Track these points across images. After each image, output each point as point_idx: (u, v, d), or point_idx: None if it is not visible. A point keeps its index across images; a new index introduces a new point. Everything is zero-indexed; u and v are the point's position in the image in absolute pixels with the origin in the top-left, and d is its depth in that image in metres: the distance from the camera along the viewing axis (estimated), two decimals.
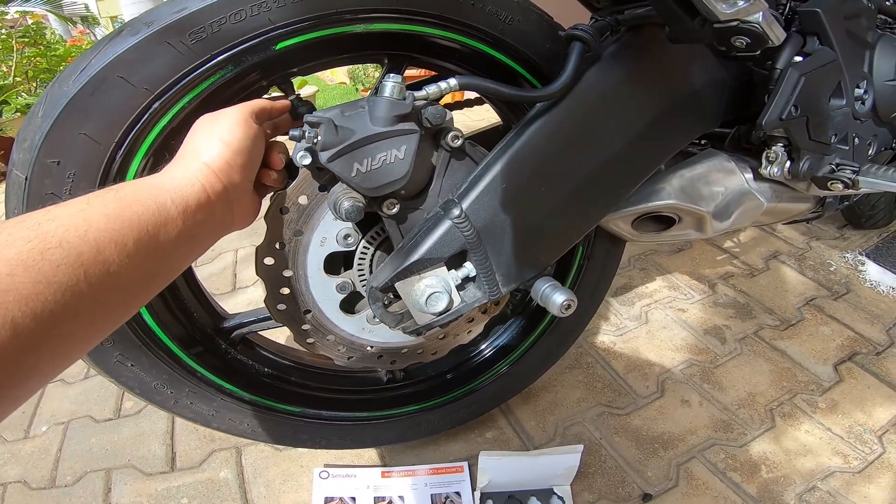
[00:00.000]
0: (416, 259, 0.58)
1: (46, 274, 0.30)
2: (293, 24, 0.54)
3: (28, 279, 0.30)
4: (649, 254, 1.39)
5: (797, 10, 0.66)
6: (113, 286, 0.34)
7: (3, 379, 0.29)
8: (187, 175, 0.43)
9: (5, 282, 0.29)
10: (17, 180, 0.48)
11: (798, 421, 0.91)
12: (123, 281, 0.35)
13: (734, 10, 0.47)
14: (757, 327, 1.12)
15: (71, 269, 0.32)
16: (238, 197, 0.47)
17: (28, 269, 0.30)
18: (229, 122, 0.47)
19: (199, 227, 0.42)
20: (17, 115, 2.85)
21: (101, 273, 0.33)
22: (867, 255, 1.28)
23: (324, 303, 0.66)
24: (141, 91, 0.49)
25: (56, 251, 0.31)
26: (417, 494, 0.90)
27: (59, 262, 0.31)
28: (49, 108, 0.47)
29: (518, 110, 0.72)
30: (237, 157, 0.46)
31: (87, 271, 0.32)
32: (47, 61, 3.23)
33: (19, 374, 0.30)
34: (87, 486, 0.96)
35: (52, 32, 3.46)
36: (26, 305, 0.29)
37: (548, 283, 0.65)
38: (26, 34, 3.15)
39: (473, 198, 0.58)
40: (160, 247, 0.38)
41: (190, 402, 0.70)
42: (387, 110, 0.52)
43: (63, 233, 0.32)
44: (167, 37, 0.48)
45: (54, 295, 0.31)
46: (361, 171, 0.53)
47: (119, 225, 0.35)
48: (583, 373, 1.05)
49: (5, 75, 3.04)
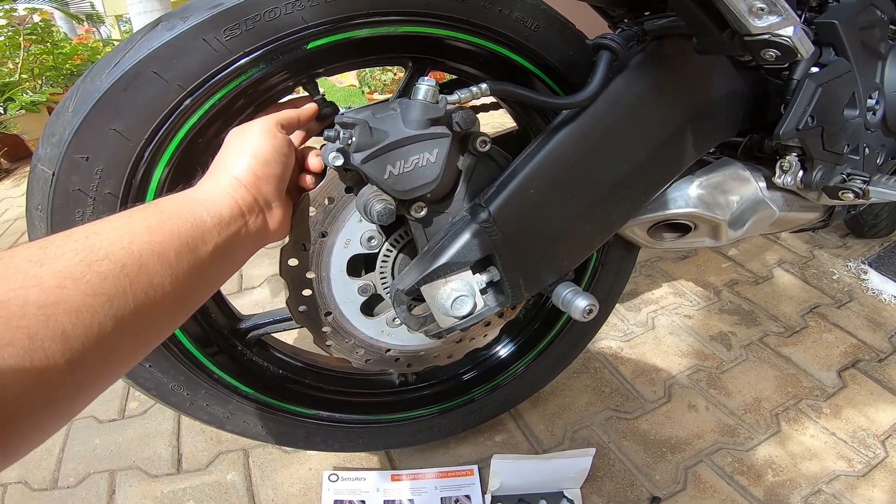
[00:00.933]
0: (443, 263, 0.58)
1: (94, 286, 0.31)
2: (325, 24, 0.54)
3: (77, 291, 0.30)
4: (655, 261, 1.40)
5: (814, 22, 0.67)
6: (156, 299, 0.35)
7: (54, 392, 0.29)
8: (218, 189, 0.44)
9: (55, 294, 0.29)
10: (44, 176, 0.47)
11: (803, 426, 0.93)
12: (166, 293, 0.36)
13: (766, 25, 0.48)
14: (762, 334, 1.13)
15: (117, 281, 0.32)
16: (269, 207, 0.48)
17: (77, 281, 0.30)
18: (257, 134, 0.49)
19: (235, 238, 0.43)
20: (21, 112, 2.82)
21: (145, 285, 0.34)
22: (869, 263, 1.31)
23: (345, 305, 0.65)
24: (174, 87, 0.48)
25: (103, 263, 0.32)
26: (427, 498, 0.90)
27: (106, 273, 0.32)
28: (80, 104, 0.46)
29: (535, 117, 0.73)
30: (265, 169, 0.47)
31: (133, 283, 0.33)
32: (53, 59, 3.21)
33: (69, 388, 0.30)
34: (91, 487, 0.94)
35: (58, 30, 3.43)
36: (76, 317, 0.30)
37: (569, 288, 0.65)
38: (34, 31, 3.13)
39: (500, 203, 0.58)
40: (199, 258, 0.39)
41: (206, 403, 0.69)
42: (420, 113, 0.52)
43: (108, 245, 0.33)
44: (202, 32, 0.48)
45: (102, 307, 0.31)
46: (394, 174, 0.53)
47: (160, 237, 0.36)
48: (591, 377, 1.06)
49: (11, 72, 3.01)
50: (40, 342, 0.28)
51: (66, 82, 3.31)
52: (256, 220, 0.46)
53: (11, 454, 0.28)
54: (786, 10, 0.48)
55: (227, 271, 0.44)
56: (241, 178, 0.46)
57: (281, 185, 0.49)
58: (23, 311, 0.28)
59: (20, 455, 0.29)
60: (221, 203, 0.43)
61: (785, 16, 0.48)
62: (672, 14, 0.62)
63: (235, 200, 0.44)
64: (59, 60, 3.21)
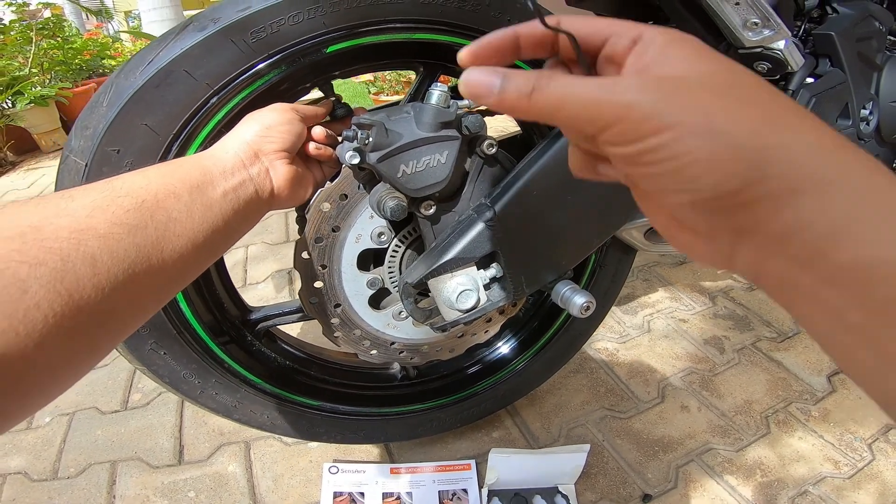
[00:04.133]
0: (450, 258, 0.60)
1: (119, 216, 0.34)
2: (345, 29, 0.57)
3: (104, 220, 0.33)
4: (652, 265, 1.44)
5: (812, 33, 0.70)
6: (175, 233, 0.38)
7: (83, 318, 0.30)
8: (223, 146, 0.48)
9: (85, 221, 0.32)
10: (76, 167, 0.50)
11: (792, 428, 0.96)
12: (184, 229, 0.38)
13: (759, 38, 0.51)
14: (755, 338, 1.17)
15: (138, 213, 0.35)
16: (273, 164, 0.50)
17: (104, 210, 0.33)
18: (269, 109, 0.52)
19: (241, 187, 0.46)
20: (30, 105, 2.85)
21: (164, 219, 0.37)
22: None
23: (354, 298, 0.68)
24: (202, 86, 0.51)
25: (125, 199, 0.35)
26: (425, 491, 0.91)
27: (129, 206, 0.35)
28: (114, 98, 0.48)
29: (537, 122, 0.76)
30: (269, 131, 0.50)
31: (153, 215, 0.36)
32: (63, 54, 3.25)
33: (97, 317, 0.31)
34: (91, 478, 0.96)
35: (69, 25, 3.47)
36: (104, 243, 0.32)
37: (568, 286, 0.68)
38: (45, 26, 3.17)
39: (505, 202, 0.61)
40: (210, 198, 0.42)
41: (215, 392, 0.71)
42: (433, 117, 0.55)
43: (129, 186, 0.36)
44: (231, 34, 0.51)
45: (126, 235, 0.34)
46: (407, 173, 0.55)
47: (173, 180, 0.40)
48: (587, 377, 1.09)
49: (21, 66, 3.04)
50: (72, 264, 0.30)
51: (76, 77, 3.33)
52: (260, 173, 0.48)
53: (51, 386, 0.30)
54: (778, 25, 0.51)
55: (237, 220, 0.45)
56: (245, 137, 0.49)
57: (284, 146, 0.51)
58: (56, 234, 0.30)
59: (52, 388, 0.30)
60: (225, 157, 0.46)
61: (777, 30, 0.51)
62: (672, 26, 0.65)
63: (238, 154, 0.47)
64: (69, 55, 3.25)
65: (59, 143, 3.15)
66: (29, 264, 0.28)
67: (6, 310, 0.27)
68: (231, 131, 0.50)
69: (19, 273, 0.28)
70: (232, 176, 0.45)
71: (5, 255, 0.28)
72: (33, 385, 0.29)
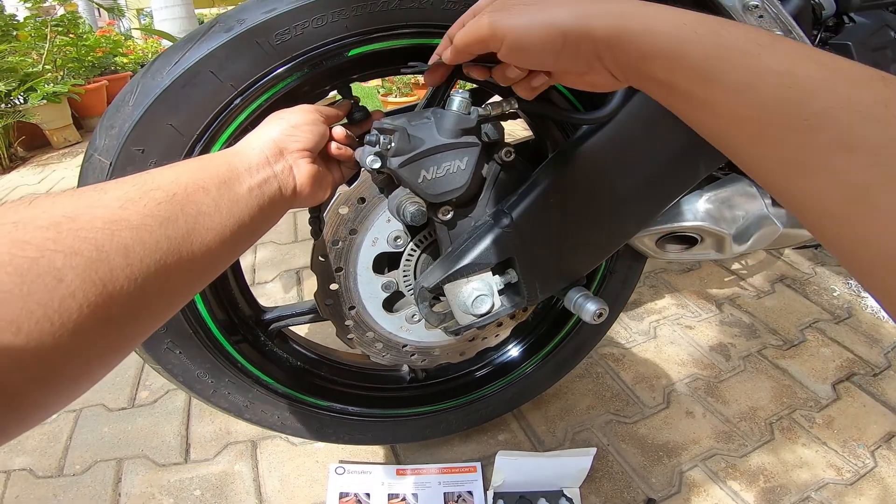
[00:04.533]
0: (466, 263, 0.61)
1: (150, 208, 0.34)
2: (367, 33, 0.57)
3: (136, 212, 0.33)
4: (660, 272, 1.45)
5: (829, 42, 0.70)
6: (204, 226, 0.38)
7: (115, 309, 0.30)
8: (248, 144, 0.48)
9: (118, 213, 0.32)
10: (100, 165, 0.50)
11: (796, 434, 0.97)
12: (213, 222, 0.39)
13: None
14: (761, 346, 1.18)
15: (169, 206, 0.35)
16: (297, 161, 0.50)
17: (136, 203, 0.34)
18: (294, 109, 0.53)
19: (266, 183, 0.46)
20: (42, 102, 2.86)
21: (193, 212, 0.37)
22: None
23: (368, 300, 0.68)
24: (227, 87, 0.51)
25: (156, 192, 0.35)
26: (431, 492, 0.92)
27: (160, 199, 0.35)
28: (141, 98, 0.49)
29: (552, 128, 0.76)
30: (294, 130, 0.50)
31: (183, 208, 0.36)
32: (77, 50, 3.26)
33: (130, 307, 0.31)
34: (97, 475, 0.96)
35: (83, 22, 3.49)
36: (136, 234, 0.32)
37: (581, 293, 0.69)
38: (60, 23, 3.19)
39: (522, 209, 0.62)
40: (237, 194, 0.42)
41: (227, 392, 0.71)
42: (454, 123, 0.56)
43: (160, 179, 0.37)
44: (257, 36, 0.51)
45: (158, 227, 0.34)
46: (427, 179, 0.56)
47: (202, 175, 0.40)
48: (593, 382, 1.09)
49: (35, 62, 3.06)
50: (106, 254, 0.30)
51: (88, 74, 3.34)
52: (284, 171, 0.48)
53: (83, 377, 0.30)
54: (801, 38, 0.51)
55: (262, 216, 0.45)
56: (272, 134, 0.49)
57: (307, 144, 0.51)
58: (91, 224, 0.30)
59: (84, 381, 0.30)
60: (251, 154, 0.46)
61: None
62: None
63: (263, 151, 0.47)
64: (82, 52, 3.27)
65: (70, 140, 3.17)
66: (64, 253, 0.28)
67: (42, 299, 0.27)
68: (255, 129, 0.50)
69: (55, 262, 0.28)
70: (257, 172, 0.45)
71: (41, 244, 0.28)
72: (67, 376, 0.29)
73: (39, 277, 0.27)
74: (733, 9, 0.50)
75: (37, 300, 0.26)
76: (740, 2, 0.49)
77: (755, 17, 0.49)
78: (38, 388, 0.27)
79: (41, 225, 0.29)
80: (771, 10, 0.49)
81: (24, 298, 0.26)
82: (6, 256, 0.26)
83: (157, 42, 4.66)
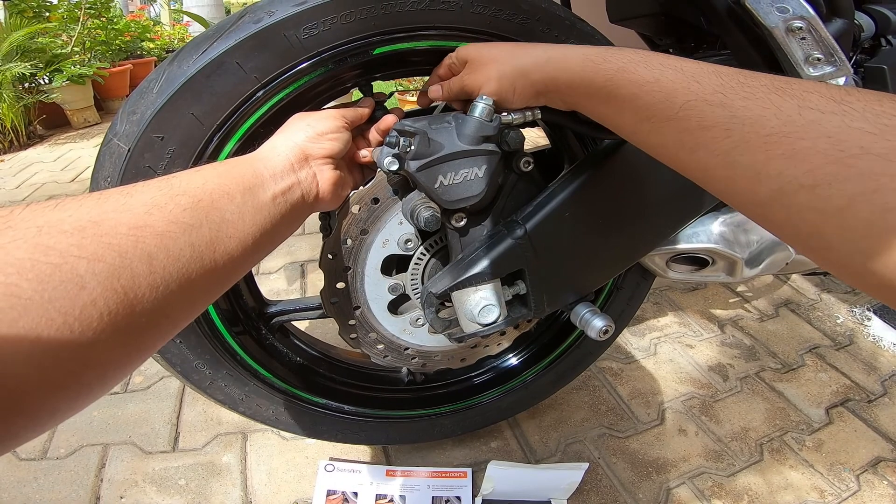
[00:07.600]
0: (476, 272, 0.61)
1: (176, 214, 0.34)
2: (394, 33, 0.57)
3: (161, 218, 0.33)
4: (664, 290, 1.45)
5: (864, 65, 0.69)
6: (228, 234, 0.38)
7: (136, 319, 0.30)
8: (273, 149, 0.48)
9: (143, 218, 0.32)
10: (118, 150, 0.49)
11: (784, 456, 0.98)
12: (236, 230, 0.39)
13: (819, 74, 0.52)
14: (759, 368, 1.19)
15: (194, 212, 0.35)
16: (321, 167, 0.50)
17: (161, 209, 0.33)
18: (320, 115, 0.52)
19: (290, 190, 0.46)
20: (66, 83, 2.88)
21: (217, 219, 0.37)
22: (874, 311, 1.36)
23: (374, 301, 0.68)
24: (251, 79, 0.51)
25: (182, 198, 0.35)
26: (419, 495, 0.92)
27: (185, 206, 0.35)
28: (165, 86, 0.48)
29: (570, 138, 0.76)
30: (321, 138, 0.50)
31: (207, 215, 0.36)
32: (106, 34, 3.29)
33: (151, 315, 0.31)
34: (81, 460, 0.94)
35: (115, 6, 3.50)
36: (160, 241, 0.32)
37: (588, 308, 0.69)
38: (94, 6, 3.20)
39: (537, 221, 0.62)
40: (261, 201, 0.42)
41: (224, 384, 0.70)
42: (475, 130, 0.55)
43: (186, 185, 0.37)
44: (285, 28, 0.50)
45: (182, 234, 0.34)
46: (444, 184, 0.56)
47: (227, 181, 0.40)
48: (589, 395, 1.10)
49: (64, 44, 3.06)
50: (129, 261, 0.29)
51: (114, 57, 3.38)
52: (308, 177, 0.48)
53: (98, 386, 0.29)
54: (842, 62, 0.51)
55: (284, 223, 0.45)
56: (297, 140, 0.49)
57: (332, 152, 0.51)
58: (115, 230, 0.30)
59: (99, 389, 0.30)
60: (275, 159, 0.46)
61: (840, 66, 0.51)
62: (724, 53, 0.65)
63: (287, 157, 0.47)
64: (111, 35, 3.31)
65: (89, 121, 3.17)
66: (87, 259, 0.28)
67: (63, 306, 0.26)
68: (280, 132, 0.50)
69: (78, 269, 0.27)
70: (281, 179, 0.45)
71: (64, 249, 0.27)
72: (84, 383, 0.29)
73: (62, 284, 0.26)
74: (776, 31, 0.50)
75: (58, 307, 0.26)
76: (784, 24, 0.49)
77: (797, 39, 0.49)
78: (54, 396, 0.27)
79: (66, 230, 0.28)
80: (814, 33, 0.49)
81: (44, 305, 0.25)
82: (28, 262, 0.26)
83: (184, 28, 4.67)
